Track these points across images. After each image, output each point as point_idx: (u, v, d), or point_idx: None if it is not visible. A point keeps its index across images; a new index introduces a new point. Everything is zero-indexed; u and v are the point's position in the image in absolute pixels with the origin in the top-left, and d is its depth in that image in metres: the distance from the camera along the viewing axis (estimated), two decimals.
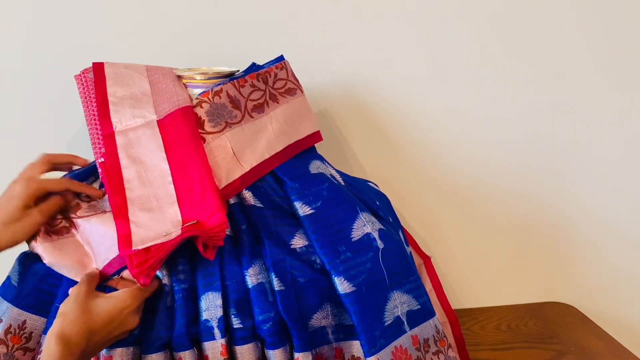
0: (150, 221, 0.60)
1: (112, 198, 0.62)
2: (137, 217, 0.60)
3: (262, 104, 0.71)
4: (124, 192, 0.62)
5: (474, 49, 0.91)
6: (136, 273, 0.56)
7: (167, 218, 0.60)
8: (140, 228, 0.59)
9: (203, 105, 0.67)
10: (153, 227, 0.59)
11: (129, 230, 0.59)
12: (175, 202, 0.61)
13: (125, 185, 0.63)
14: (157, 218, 0.60)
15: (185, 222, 0.59)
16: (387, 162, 0.96)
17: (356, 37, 0.90)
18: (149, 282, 0.56)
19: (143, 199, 0.62)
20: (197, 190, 0.62)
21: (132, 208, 0.61)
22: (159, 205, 0.61)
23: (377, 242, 0.65)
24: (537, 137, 0.96)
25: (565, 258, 1.02)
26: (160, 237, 0.58)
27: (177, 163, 0.64)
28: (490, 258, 1.01)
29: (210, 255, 0.59)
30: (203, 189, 0.61)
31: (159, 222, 0.60)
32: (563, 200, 0.99)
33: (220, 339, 0.58)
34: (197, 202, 0.61)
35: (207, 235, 0.57)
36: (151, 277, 0.57)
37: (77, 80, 0.72)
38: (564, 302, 1.02)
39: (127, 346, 0.57)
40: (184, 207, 0.61)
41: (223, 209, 0.60)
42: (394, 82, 0.92)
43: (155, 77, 0.72)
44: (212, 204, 0.60)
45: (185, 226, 0.59)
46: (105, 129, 0.67)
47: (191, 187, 0.62)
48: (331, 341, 0.62)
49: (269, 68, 0.74)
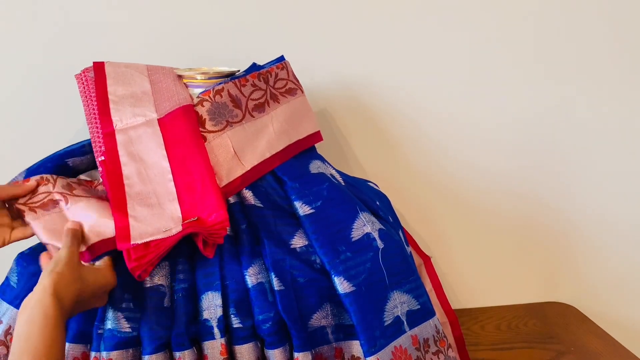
0: (150, 216, 0.60)
1: (111, 193, 0.62)
2: (137, 212, 0.60)
3: (263, 103, 0.71)
4: (123, 188, 0.62)
5: (474, 49, 0.91)
6: (133, 267, 0.56)
7: (167, 214, 0.60)
8: (140, 223, 0.59)
9: (204, 103, 0.67)
10: (152, 223, 0.59)
11: (127, 223, 0.59)
12: (176, 199, 0.62)
13: (124, 182, 0.63)
14: (157, 214, 0.60)
15: (186, 219, 0.59)
16: (387, 162, 0.96)
17: (356, 37, 0.90)
18: (145, 277, 0.56)
19: (142, 195, 0.62)
20: (198, 187, 0.62)
21: (132, 203, 0.61)
22: (159, 201, 0.61)
23: (377, 242, 0.65)
24: (537, 137, 0.96)
25: (565, 258, 1.02)
26: (159, 233, 0.58)
27: (178, 161, 0.64)
28: (490, 258, 1.01)
29: (209, 253, 0.59)
30: (204, 186, 0.61)
31: (158, 217, 0.60)
32: (563, 201, 0.99)
33: (220, 339, 0.58)
34: (198, 200, 0.61)
35: (208, 232, 0.58)
36: (149, 272, 0.57)
37: (78, 79, 0.72)
38: (564, 302, 1.02)
39: (126, 348, 0.57)
40: (184, 204, 0.61)
41: (224, 206, 0.60)
42: (394, 83, 0.92)
43: (156, 76, 0.72)
44: (213, 202, 0.60)
45: (186, 222, 0.59)
46: (105, 127, 0.67)
47: (192, 185, 0.62)
48: (331, 341, 0.62)
49: (270, 68, 0.74)
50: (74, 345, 0.59)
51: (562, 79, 0.93)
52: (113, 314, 0.58)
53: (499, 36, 0.91)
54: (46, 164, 0.68)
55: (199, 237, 0.58)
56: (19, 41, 0.85)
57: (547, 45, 0.92)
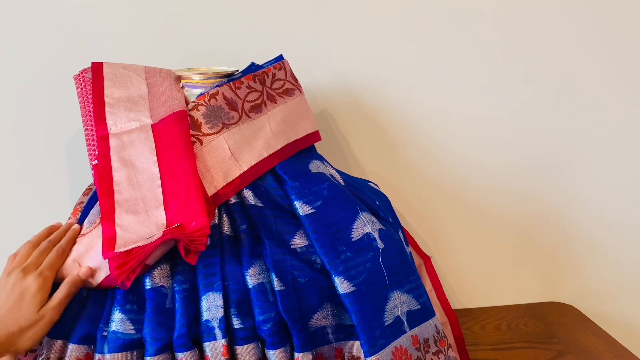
0: (135, 224, 0.60)
1: (101, 200, 0.62)
2: (123, 220, 0.60)
3: (259, 104, 0.71)
4: (112, 194, 0.62)
5: (474, 49, 0.91)
6: (116, 275, 0.56)
7: (151, 221, 0.60)
8: (125, 231, 0.59)
9: (199, 108, 0.68)
10: (137, 231, 0.59)
11: (114, 233, 0.59)
12: (162, 206, 0.61)
13: (114, 188, 0.63)
14: (143, 221, 0.60)
15: (169, 226, 0.59)
16: (387, 162, 0.96)
17: (356, 37, 0.90)
18: (129, 285, 0.56)
19: (130, 202, 0.62)
20: (182, 194, 0.62)
21: (119, 211, 0.61)
22: (146, 208, 0.61)
23: (377, 242, 0.65)
24: (537, 136, 0.96)
25: (565, 258, 1.02)
26: (142, 240, 0.58)
27: (167, 167, 0.64)
28: (490, 258, 1.01)
29: (192, 259, 0.59)
30: (188, 193, 0.61)
31: (144, 225, 0.60)
32: (563, 200, 0.99)
33: (222, 339, 0.58)
34: (182, 206, 0.61)
35: (188, 239, 0.57)
36: (131, 280, 0.56)
37: (76, 80, 0.72)
38: (564, 302, 1.02)
39: (130, 350, 0.57)
40: (169, 211, 0.61)
41: (206, 213, 0.59)
42: (394, 82, 0.92)
43: (153, 79, 0.72)
44: (195, 208, 0.60)
45: (167, 229, 0.59)
46: (100, 130, 0.67)
47: (177, 191, 0.62)
48: (331, 341, 0.62)
49: (267, 69, 0.74)
50: (78, 346, 0.59)
51: (561, 77, 0.93)
52: (118, 315, 0.58)
53: (498, 35, 0.91)
54: None
55: (180, 244, 0.58)
56: (18, 41, 0.85)
57: (546, 43, 0.92)
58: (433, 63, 0.91)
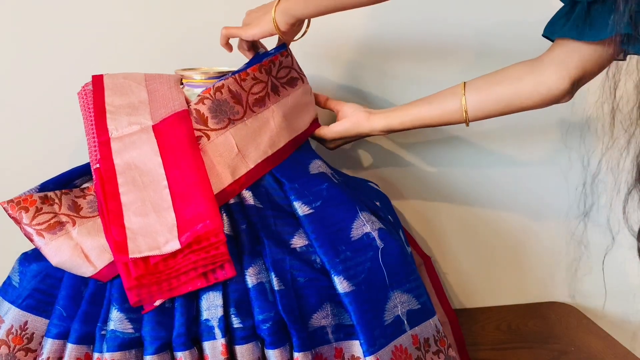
0: (146, 227, 0.59)
1: (107, 203, 0.61)
2: (132, 223, 0.59)
3: (263, 97, 0.71)
4: (118, 197, 0.61)
5: (474, 48, 0.91)
6: (132, 286, 0.55)
7: (162, 223, 0.60)
8: (136, 235, 0.58)
9: (205, 101, 0.67)
10: (149, 234, 0.59)
11: (124, 237, 0.58)
12: (171, 207, 0.61)
13: (119, 190, 0.62)
14: (153, 223, 0.60)
15: (180, 227, 0.59)
16: (387, 162, 0.96)
17: (357, 37, 0.90)
18: (138, 305, 0.57)
19: (138, 204, 0.61)
20: (191, 194, 0.61)
21: (127, 213, 0.60)
22: (155, 209, 0.61)
23: (377, 241, 0.65)
24: (538, 137, 0.96)
25: (565, 258, 1.02)
26: (157, 248, 0.57)
27: (173, 167, 0.63)
28: (490, 258, 1.01)
29: (229, 271, 0.59)
30: (197, 193, 0.61)
31: (154, 227, 0.59)
32: (563, 201, 0.99)
33: (221, 339, 0.58)
34: (192, 208, 0.60)
35: (211, 262, 0.58)
36: (146, 303, 0.57)
37: (79, 96, 0.72)
38: (564, 302, 1.02)
39: (129, 349, 0.57)
40: (179, 212, 0.60)
41: (218, 214, 0.59)
42: (394, 82, 0.92)
43: (154, 85, 0.72)
44: (205, 208, 0.59)
45: (185, 246, 0.58)
46: (101, 135, 0.67)
47: (185, 192, 0.61)
48: (331, 341, 0.62)
49: (274, 56, 0.74)
50: (76, 346, 0.59)
51: None
52: (116, 314, 0.58)
53: (498, 34, 0.91)
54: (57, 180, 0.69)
55: (197, 270, 0.58)
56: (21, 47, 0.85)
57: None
58: (433, 62, 0.92)
